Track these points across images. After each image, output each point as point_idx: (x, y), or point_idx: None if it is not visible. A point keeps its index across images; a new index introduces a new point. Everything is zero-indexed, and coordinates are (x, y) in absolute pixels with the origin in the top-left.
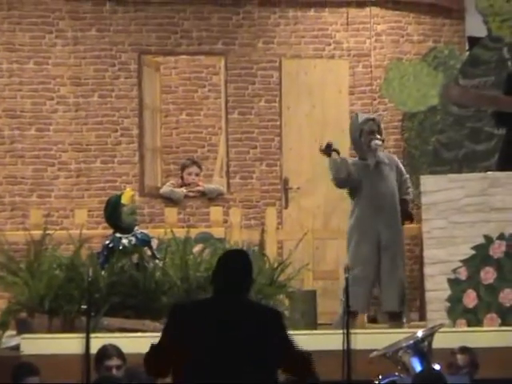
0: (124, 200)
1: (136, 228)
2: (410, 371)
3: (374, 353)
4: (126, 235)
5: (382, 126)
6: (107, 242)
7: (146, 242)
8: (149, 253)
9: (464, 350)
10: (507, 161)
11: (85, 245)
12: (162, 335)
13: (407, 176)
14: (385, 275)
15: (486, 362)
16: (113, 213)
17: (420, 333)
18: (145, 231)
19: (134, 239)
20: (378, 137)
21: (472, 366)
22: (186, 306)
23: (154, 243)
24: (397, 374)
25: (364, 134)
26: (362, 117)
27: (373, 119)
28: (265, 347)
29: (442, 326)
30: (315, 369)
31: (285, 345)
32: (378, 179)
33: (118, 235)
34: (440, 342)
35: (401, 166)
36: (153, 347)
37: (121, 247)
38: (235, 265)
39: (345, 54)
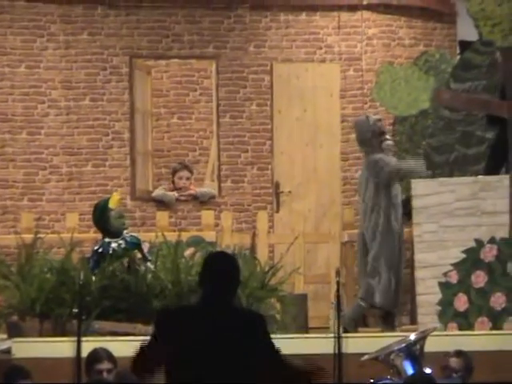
0: (111, 204)
1: (125, 231)
2: (402, 374)
3: (366, 356)
4: (115, 239)
5: None
6: (96, 247)
7: (135, 244)
8: (139, 255)
9: (459, 353)
10: (494, 165)
11: (76, 248)
12: (150, 340)
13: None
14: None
15: (477, 366)
16: (101, 217)
17: (412, 336)
18: (134, 234)
19: (123, 243)
20: (388, 137)
21: (466, 369)
22: (173, 310)
23: (146, 247)
24: (389, 377)
25: (375, 134)
26: (371, 118)
27: (381, 119)
28: (250, 352)
29: (434, 329)
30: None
31: (267, 350)
32: None
33: (107, 240)
34: (431, 345)
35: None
36: (141, 349)
37: (110, 251)
38: (221, 268)
39: (336, 57)
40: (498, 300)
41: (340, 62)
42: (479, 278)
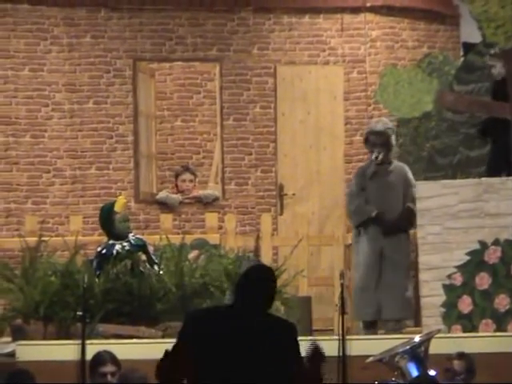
0: (117, 208)
1: (131, 234)
2: (407, 376)
3: (371, 358)
4: (119, 241)
5: None
6: (100, 248)
7: (140, 246)
8: (144, 257)
9: (461, 355)
10: (494, 169)
11: (80, 251)
12: (177, 342)
13: (412, 183)
14: (385, 284)
15: (481, 368)
16: (106, 220)
17: (417, 338)
18: (139, 236)
19: (127, 245)
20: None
21: (469, 372)
22: (202, 313)
23: (150, 250)
24: (393, 379)
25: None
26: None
27: (377, 133)
28: (279, 359)
29: (438, 331)
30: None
31: (295, 360)
32: (379, 188)
33: (111, 242)
34: (435, 347)
35: (408, 176)
36: (167, 354)
37: (114, 253)
38: (260, 285)
39: (339, 60)
40: (502, 302)
41: (343, 64)
42: (483, 280)
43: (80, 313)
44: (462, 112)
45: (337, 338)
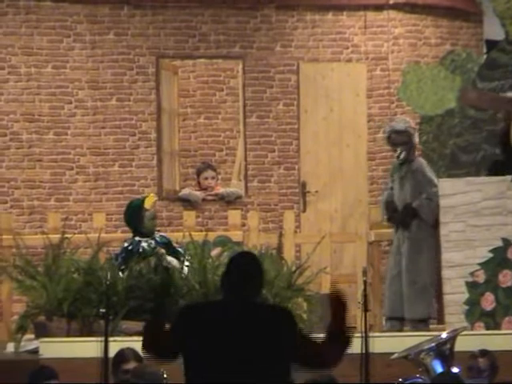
0: (147, 205)
1: (156, 233)
2: (431, 373)
3: (396, 354)
4: (145, 239)
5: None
6: (126, 244)
7: (165, 244)
8: (162, 251)
9: (485, 353)
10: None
11: (103, 248)
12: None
13: (428, 180)
14: (405, 284)
15: (504, 366)
16: (133, 217)
17: (444, 334)
18: (164, 234)
19: (153, 242)
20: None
21: (492, 369)
22: (195, 307)
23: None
24: (418, 375)
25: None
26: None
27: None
28: (275, 347)
29: (464, 328)
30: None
31: (298, 341)
32: (400, 186)
33: (137, 238)
34: (458, 345)
35: (421, 169)
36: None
37: (140, 250)
38: (244, 269)
39: (362, 57)
40: None
41: (366, 61)
42: (506, 278)
43: (103, 310)
44: (485, 109)
45: (360, 335)
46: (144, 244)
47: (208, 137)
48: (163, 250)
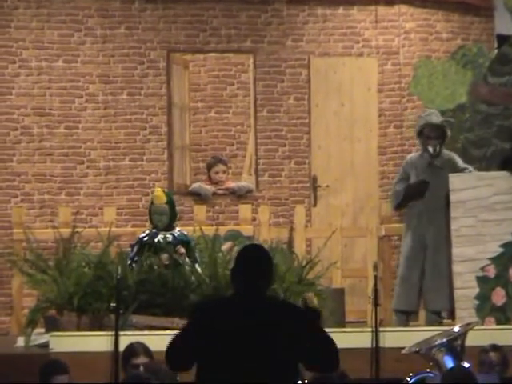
0: (154, 199)
1: (177, 228)
2: (442, 368)
3: (406, 348)
4: (163, 232)
5: (410, 123)
6: (143, 234)
7: (183, 242)
8: (182, 250)
9: (496, 348)
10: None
11: (113, 243)
12: (183, 334)
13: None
14: (428, 275)
15: None
16: (149, 208)
17: (456, 328)
18: (184, 232)
19: (170, 237)
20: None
21: (503, 364)
22: (208, 305)
23: (194, 248)
24: (428, 370)
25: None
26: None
27: (433, 125)
28: (287, 344)
29: (477, 323)
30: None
31: (308, 339)
32: (433, 179)
33: (154, 230)
34: (468, 339)
35: (458, 164)
36: (176, 341)
37: (155, 242)
38: (252, 263)
39: (373, 51)
40: None
41: (377, 56)
42: None
43: (113, 304)
44: (496, 104)
45: (370, 329)
46: (160, 236)
47: (219, 131)
48: (183, 250)
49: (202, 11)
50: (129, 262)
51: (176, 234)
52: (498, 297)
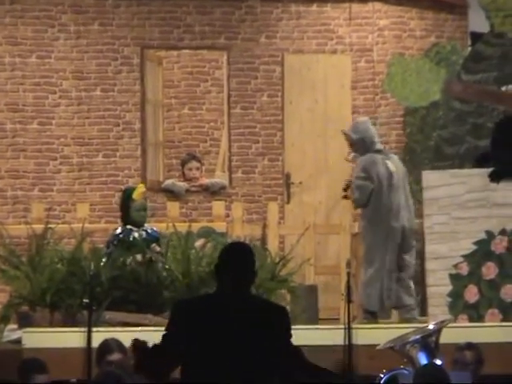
0: (135, 195)
1: (147, 224)
2: (416, 365)
3: (381, 345)
4: (136, 228)
5: (383, 120)
6: (118, 231)
7: (155, 238)
8: (157, 249)
9: (470, 346)
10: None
11: (87, 239)
12: (166, 332)
13: None
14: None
15: (488, 358)
16: (123, 205)
17: (431, 326)
18: (155, 228)
19: (144, 234)
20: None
21: (478, 362)
22: (190, 302)
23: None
24: (402, 367)
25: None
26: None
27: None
28: (269, 343)
29: (450, 321)
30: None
31: (285, 344)
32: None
33: (128, 227)
34: (442, 337)
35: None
36: (154, 347)
37: (131, 239)
38: (240, 260)
39: (347, 49)
40: (508, 292)
41: (351, 53)
42: (490, 270)
43: (86, 300)
44: (470, 101)
45: (343, 326)
46: (136, 234)
47: (192, 128)
48: (159, 248)
49: (175, 8)
50: (105, 258)
51: (149, 231)
52: (471, 294)
